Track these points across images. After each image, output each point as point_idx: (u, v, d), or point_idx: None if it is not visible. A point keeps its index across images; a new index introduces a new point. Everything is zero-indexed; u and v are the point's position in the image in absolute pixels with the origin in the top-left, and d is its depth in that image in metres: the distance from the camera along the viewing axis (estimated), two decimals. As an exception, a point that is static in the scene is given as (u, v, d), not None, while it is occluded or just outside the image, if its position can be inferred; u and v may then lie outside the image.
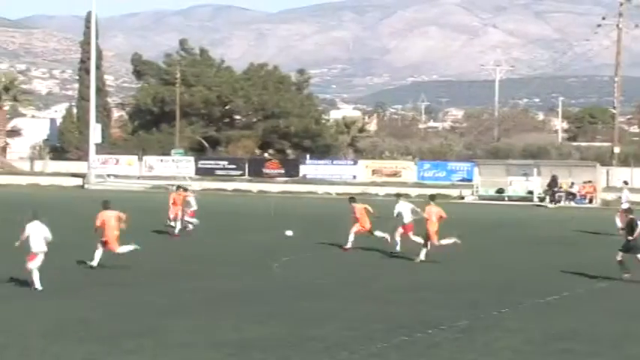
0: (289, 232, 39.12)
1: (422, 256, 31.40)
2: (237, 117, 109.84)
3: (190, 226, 40.81)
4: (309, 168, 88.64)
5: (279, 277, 28.15)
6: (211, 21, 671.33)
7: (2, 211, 50.83)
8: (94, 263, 28.48)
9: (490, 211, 60.37)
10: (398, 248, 33.43)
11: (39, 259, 24.14)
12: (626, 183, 52.21)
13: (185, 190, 42.80)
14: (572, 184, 70.20)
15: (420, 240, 32.22)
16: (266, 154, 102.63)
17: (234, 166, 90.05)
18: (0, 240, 29.42)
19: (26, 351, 16.99)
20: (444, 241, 31.87)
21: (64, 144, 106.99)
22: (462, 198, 73.51)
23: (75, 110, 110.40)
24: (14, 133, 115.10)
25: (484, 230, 46.26)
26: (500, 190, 72.41)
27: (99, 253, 28.63)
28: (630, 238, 27.54)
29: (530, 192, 71.41)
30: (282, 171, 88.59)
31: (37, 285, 23.85)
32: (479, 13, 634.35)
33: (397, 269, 30.31)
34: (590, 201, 69.51)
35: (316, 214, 55.64)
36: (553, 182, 68.60)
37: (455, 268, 30.50)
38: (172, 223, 40.16)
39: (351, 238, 34.22)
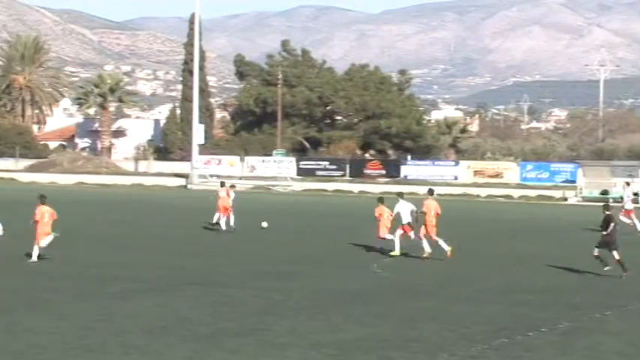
0: (264, 224, 40.56)
1: (427, 247, 31.72)
2: (339, 117, 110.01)
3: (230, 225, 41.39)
4: (410, 169, 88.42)
5: (379, 277, 28.12)
6: (313, 22, 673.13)
7: (108, 210, 51.76)
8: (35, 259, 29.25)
9: (594, 213, 59.33)
10: (397, 250, 32.55)
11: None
12: (628, 184, 51.51)
13: (233, 186, 43.85)
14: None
15: (423, 240, 31.98)
16: (367, 155, 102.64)
17: (335, 167, 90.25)
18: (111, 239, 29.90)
19: (129, 349, 17.25)
20: (441, 241, 31.90)
21: (167, 144, 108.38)
22: (565, 199, 72.63)
23: (178, 111, 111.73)
24: (119, 133, 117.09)
25: (588, 232, 45.54)
26: (604, 192, 71.24)
27: (36, 250, 29.31)
28: (604, 233, 28.63)
29: (636, 194, 70.14)
30: (383, 172, 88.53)
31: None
32: (583, 13, 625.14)
33: (492, 271, 30.00)
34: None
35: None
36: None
37: (555, 271, 30.12)
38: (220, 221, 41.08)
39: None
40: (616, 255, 28.31)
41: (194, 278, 26.71)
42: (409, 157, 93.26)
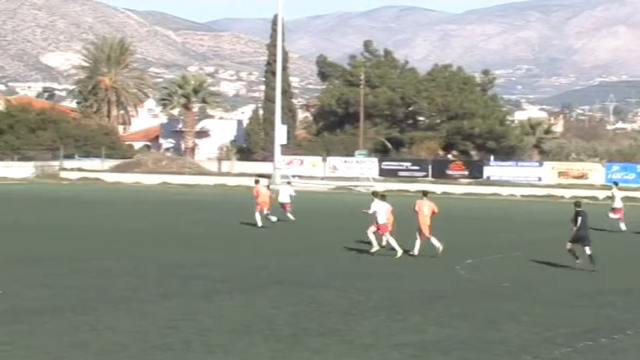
0: (274, 218, 42.01)
1: (416, 250, 32.30)
2: (421, 118, 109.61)
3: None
4: (493, 169, 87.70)
5: (461, 278, 27.94)
6: (396, 22, 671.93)
7: (192, 210, 52.18)
8: None
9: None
10: (375, 247, 32.57)
11: None
12: (616, 184, 51.83)
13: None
14: None
15: (393, 242, 32.20)
16: (449, 156, 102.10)
17: (417, 167, 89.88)
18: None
19: (212, 348, 17.35)
20: (434, 240, 32.38)
21: (250, 145, 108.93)
22: (653, 201, 71.46)
23: (261, 112, 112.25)
24: (203, 134, 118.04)
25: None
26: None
27: None
28: (575, 228, 29.89)
29: None
30: (466, 172, 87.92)
31: None
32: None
33: (577, 272, 29.57)
34: None
35: (500, 216, 55.04)
36: None
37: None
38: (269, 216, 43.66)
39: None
40: (588, 250, 29.36)
41: (277, 278, 26.79)
42: (492, 157, 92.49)
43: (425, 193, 34.57)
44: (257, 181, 45.33)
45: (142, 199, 57.66)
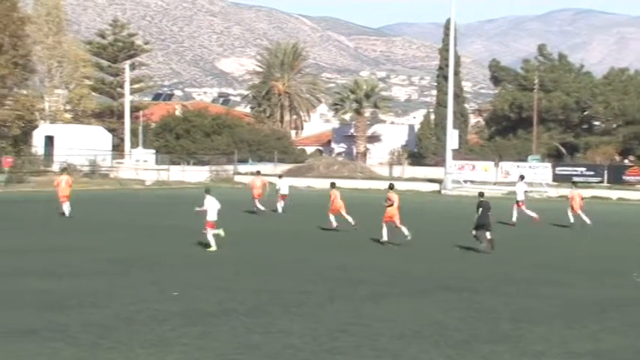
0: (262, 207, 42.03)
1: (384, 236, 35.70)
2: (597, 123, 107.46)
3: (280, 210, 51.60)
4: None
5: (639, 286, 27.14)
6: (571, 25, 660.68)
7: (361, 214, 52.28)
8: None
9: None
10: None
11: None
12: (522, 177, 53.56)
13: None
14: None
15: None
16: (626, 161, 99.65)
17: (592, 173, 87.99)
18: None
19: (382, 352, 17.31)
20: (404, 228, 35.73)
21: (421, 149, 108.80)
22: None
23: (432, 116, 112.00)
24: (374, 138, 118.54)
25: None
26: None
27: None
28: (476, 216, 34.14)
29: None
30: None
31: None
32: None
33: None
34: None
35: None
36: None
37: None
38: (259, 205, 50.70)
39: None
40: (488, 235, 34.00)
41: (442, 283, 26.59)
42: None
43: (391, 187, 37.47)
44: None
45: (314, 202, 58.06)
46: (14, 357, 15.97)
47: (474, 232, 34.46)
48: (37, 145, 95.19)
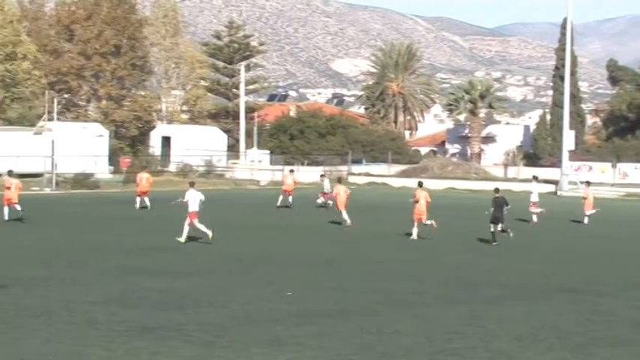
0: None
1: (414, 235, 37.60)
2: None
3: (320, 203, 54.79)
4: None
5: None
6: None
7: (476, 216, 51.90)
8: None
9: None
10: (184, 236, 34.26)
11: None
12: (535, 178, 53.80)
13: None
14: None
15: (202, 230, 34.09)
16: None
17: None
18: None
19: (496, 354, 17.14)
20: (429, 222, 37.53)
21: (537, 150, 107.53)
22: None
23: (548, 117, 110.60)
24: (489, 139, 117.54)
25: None
26: None
27: None
28: (491, 210, 36.92)
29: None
30: None
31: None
32: None
33: None
34: None
35: None
36: None
37: None
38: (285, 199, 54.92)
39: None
40: (499, 227, 36.70)
41: (562, 285, 26.23)
42: None
43: (420, 184, 40.47)
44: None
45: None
46: (131, 355, 16.24)
47: (491, 228, 36.65)
48: (154, 146, 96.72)
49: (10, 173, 44.64)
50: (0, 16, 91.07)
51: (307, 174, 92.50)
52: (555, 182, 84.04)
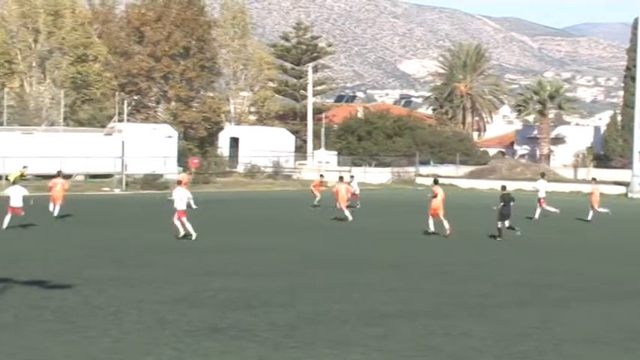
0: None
1: (431, 227, 38.79)
2: None
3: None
4: None
5: None
6: None
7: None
8: None
9: None
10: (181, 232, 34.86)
11: None
12: (543, 175, 55.69)
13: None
14: None
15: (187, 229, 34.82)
16: None
17: None
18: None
19: (566, 357, 16.97)
20: (445, 222, 38.14)
21: (607, 152, 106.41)
22: None
23: (619, 118, 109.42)
24: (558, 140, 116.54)
25: None
26: None
27: None
28: (499, 207, 37.83)
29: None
30: None
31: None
32: None
33: None
34: None
35: None
36: None
37: None
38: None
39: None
40: (506, 223, 37.54)
41: (634, 289, 25.90)
42: None
43: (436, 181, 42.03)
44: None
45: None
46: (201, 355, 16.32)
47: (498, 224, 37.62)
48: (223, 147, 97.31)
49: (58, 173, 46.23)
50: (71, 19, 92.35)
51: (375, 175, 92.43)
52: (626, 184, 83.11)
